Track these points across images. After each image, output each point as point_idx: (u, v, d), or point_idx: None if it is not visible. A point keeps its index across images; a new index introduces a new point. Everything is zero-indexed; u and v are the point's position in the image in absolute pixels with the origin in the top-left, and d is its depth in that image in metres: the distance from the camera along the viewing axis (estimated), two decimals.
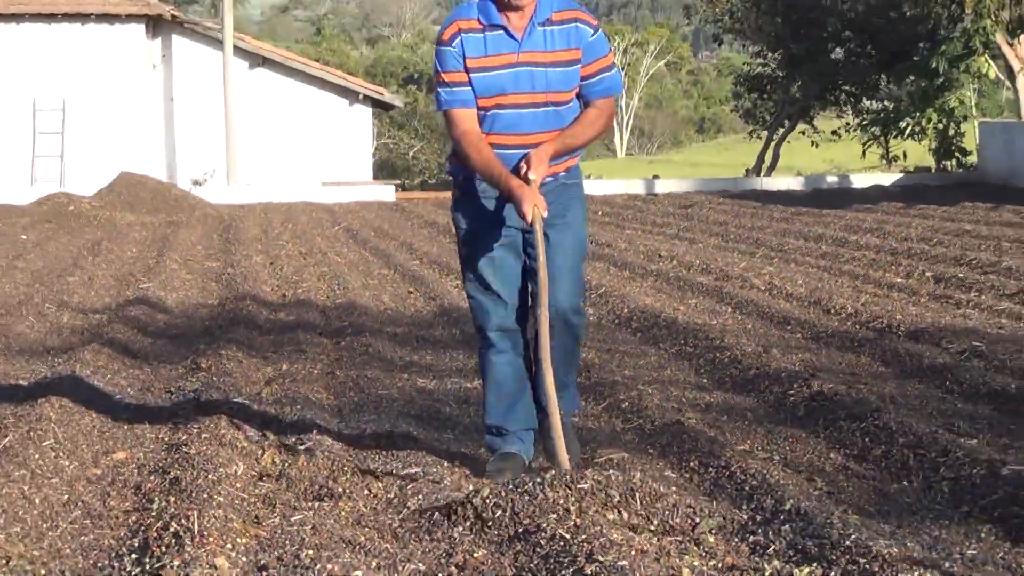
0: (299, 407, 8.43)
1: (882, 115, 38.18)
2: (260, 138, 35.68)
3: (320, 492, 6.35)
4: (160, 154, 34.84)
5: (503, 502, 5.46)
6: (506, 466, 6.34)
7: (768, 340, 10.44)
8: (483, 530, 5.55)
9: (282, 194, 31.56)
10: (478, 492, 5.64)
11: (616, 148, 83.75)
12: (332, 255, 17.94)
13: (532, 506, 5.31)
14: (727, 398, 8.64)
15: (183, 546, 5.26)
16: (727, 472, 6.64)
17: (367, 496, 6.26)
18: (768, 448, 7.26)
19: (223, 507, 5.81)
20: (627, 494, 5.36)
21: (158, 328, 12.07)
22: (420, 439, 7.56)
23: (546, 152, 6.02)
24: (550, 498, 5.32)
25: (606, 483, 5.41)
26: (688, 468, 6.86)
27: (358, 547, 5.37)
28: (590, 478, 5.42)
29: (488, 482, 6.43)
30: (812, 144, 41.03)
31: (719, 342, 10.23)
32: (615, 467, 6.70)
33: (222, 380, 9.22)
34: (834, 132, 40.67)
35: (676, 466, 6.92)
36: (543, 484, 5.41)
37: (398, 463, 6.91)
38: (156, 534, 5.55)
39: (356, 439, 7.60)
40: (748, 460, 6.82)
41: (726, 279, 14.13)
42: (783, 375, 8.88)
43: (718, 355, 9.85)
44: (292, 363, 10.05)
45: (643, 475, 5.81)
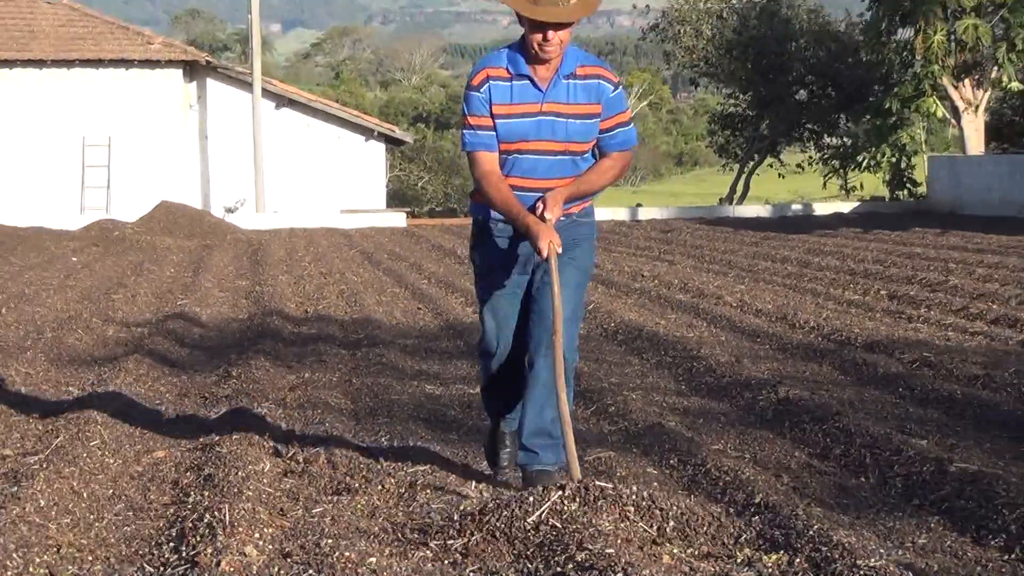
0: (320, 411, 8.42)
1: (841, 150, 38.29)
2: (285, 170, 35.71)
3: (338, 487, 6.34)
4: (196, 185, 34.87)
5: (503, 499, 5.45)
6: (495, 442, 6.48)
7: (740, 351, 10.44)
8: (484, 521, 5.55)
9: (305, 221, 31.60)
10: (480, 492, 5.64)
11: None
12: (349, 275, 17.93)
13: (533, 499, 5.30)
14: (703, 403, 8.63)
15: (215, 536, 5.25)
16: (703, 469, 6.63)
17: (380, 491, 6.25)
18: (740, 448, 7.25)
19: (251, 500, 5.81)
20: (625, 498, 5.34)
21: (194, 340, 12.06)
22: (428, 440, 7.56)
23: (561, 195, 5.82)
24: (549, 497, 5.31)
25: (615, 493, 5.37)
26: (668, 465, 6.85)
27: (372, 536, 5.37)
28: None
29: (489, 487, 6.43)
30: (779, 176, 41.11)
31: (696, 353, 10.22)
32: (603, 464, 6.71)
33: (251, 387, 9.21)
34: (798, 165, 40.74)
35: (657, 464, 6.91)
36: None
37: (408, 462, 6.91)
38: (191, 525, 5.54)
39: (370, 439, 7.60)
40: (722, 458, 6.82)
41: (702, 296, 14.13)
42: (753, 382, 8.88)
43: (695, 364, 9.84)
44: (313, 371, 10.04)
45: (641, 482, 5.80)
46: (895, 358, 9.81)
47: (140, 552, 5.45)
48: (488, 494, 6.21)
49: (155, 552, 5.40)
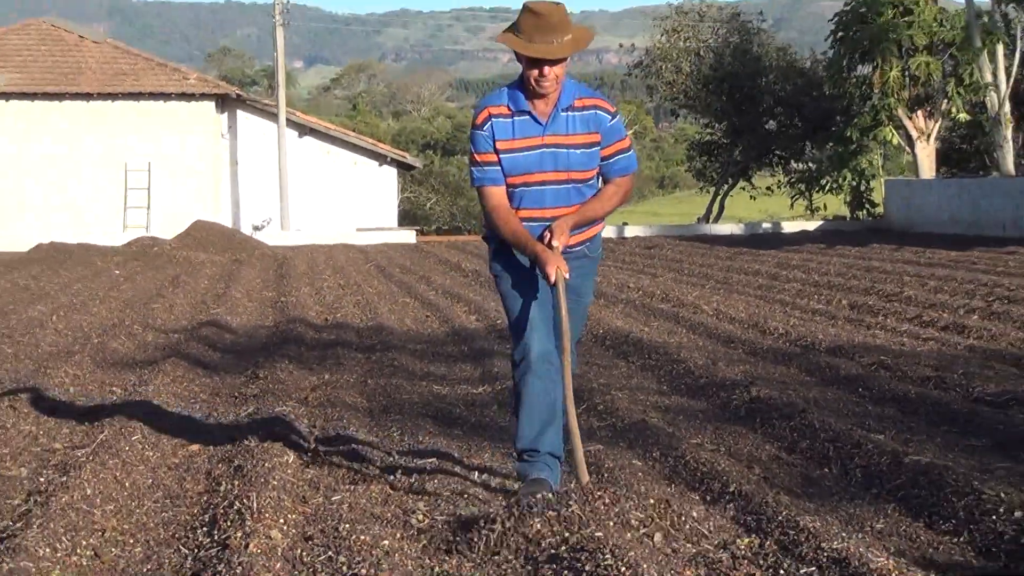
0: (338, 409, 8.42)
1: (807, 174, 38.29)
2: (307, 192, 35.78)
3: (355, 477, 6.35)
4: (227, 205, 34.90)
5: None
6: (536, 490, 5.46)
7: (715, 355, 10.43)
8: (488, 506, 5.55)
9: (325, 238, 31.64)
10: (484, 481, 5.63)
11: None
12: (365, 287, 17.93)
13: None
14: (682, 401, 8.63)
15: (244, 521, 5.25)
16: (682, 461, 6.63)
17: (393, 480, 6.26)
18: (715, 442, 7.25)
19: (277, 489, 5.81)
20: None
21: (225, 345, 12.06)
22: (436, 435, 7.56)
23: (567, 223, 5.57)
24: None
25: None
26: (651, 458, 6.85)
27: (385, 522, 5.37)
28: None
29: (491, 477, 6.41)
30: (750, 197, 41.09)
31: (676, 356, 10.22)
32: (593, 457, 6.71)
33: (276, 387, 9.22)
34: (768, 188, 40.73)
35: (641, 456, 6.91)
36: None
37: (418, 454, 6.91)
38: (223, 511, 5.55)
39: (384, 434, 7.60)
40: (699, 452, 6.81)
41: (681, 306, 14.13)
42: (727, 383, 8.87)
43: (675, 367, 9.84)
44: (332, 373, 10.04)
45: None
46: (855, 361, 9.81)
47: (176, 536, 5.46)
48: (492, 485, 6.22)
49: (190, 536, 5.40)
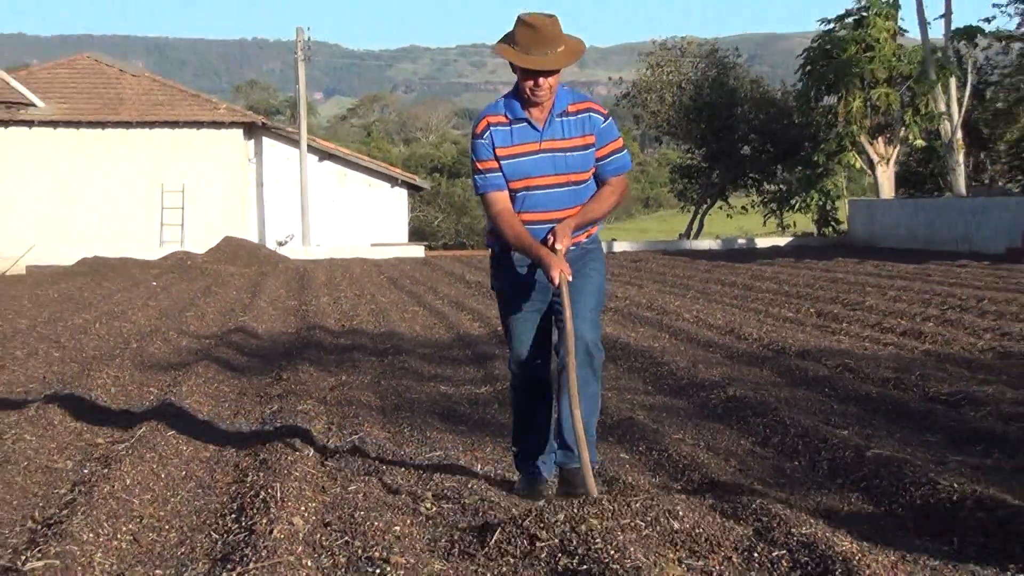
0: (354, 407, 8.42)
1: (778, 195, 38.37)
2: (326, 211, 35.84)
3: (369, 469, 6.34)
4: (253, 223, 34.93)
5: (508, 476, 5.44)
6: (532, 486, 5.69)
7: (695, 358, 10.44)
8: (490, 495, 5.55)
9: (342, 252, 31.65)
10: (486, 474, 5.63)
11: None
12: (378, 296, 17.93)
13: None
14: (665, 400, 8.63)
15: (269, 509, 5.25)
16: (666, 454, 6.63)
17: (404, 472, 6.25)
18: (696, 437, 7.25)
19: (298, 480, 5.81)
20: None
21: (251, 350, 12.06)
22: (442, 431, 7.55)
23: (569, 225, 5.38)
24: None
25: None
26: (637, 451, 6.85)
27: (396, 509, 5.37)
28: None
29: (493, 468, 6.41)
30: (727, 216, 41.11)
31: (660, 359, 10.22)
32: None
33: (298, 387, 9.22)
34: (743, 207, 40.78)
35: (629, 450, 6.91)
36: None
37: (426, 447, 6.90)
38: (249, 500, 5.54)
39: (395, 430, 7.60)
40: (681, 446, 6.82)
41: (665, 314, 14.13)
42: (706, 383, 8.88)
43: (659, 369, 9.84)
44: (349, 375, 10.04)
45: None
46: (822, 364, 9.81)
47: (207, 522, 5.46)
48: (494, 476, 6.22)
49: (219, 522, 5.40)
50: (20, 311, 16.14)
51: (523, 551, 4.51)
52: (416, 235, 42.63)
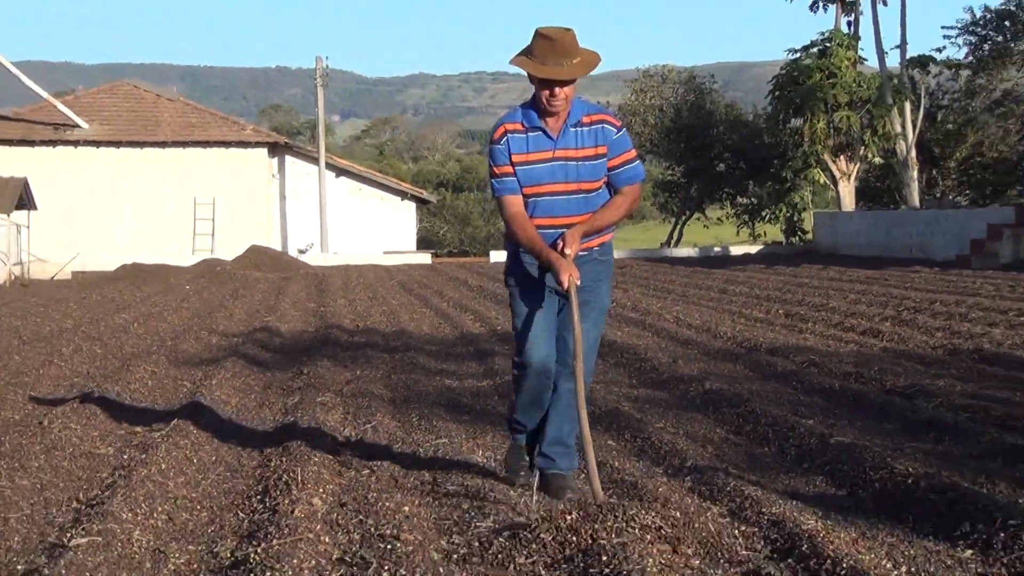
0: (367, 399, 8.41)
1: (750, 207, 38.45)
2: (342, 222, 35.87)
3: (381, 455, 6.34)
4: (276, 233, 34.98)
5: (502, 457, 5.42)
6: (518, 460, 5.49)
7: (675, 355, 10.43)
8: (491, 478, 5.54)
9: (357, 259, 31.68)
10: (487, 459, 5.62)
11: None
12: (389, 299, 17.93)
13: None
14: (649, 393, 8.62)
15: (291, 490, 5.25)
16: (649, 442, 6.63)
17: (412, 456, 6.25)
18: (676, 426, 7.25)
19: (317, 464, 5.81)
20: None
21: (275, 347, 12.06)
22: (447, 420, 7.55)
23: (579, 231, 5.06)
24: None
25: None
26: (623, 439, 6.84)
27: (406, 491, 5.37)
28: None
29: (493, 455, 6.39)
30: (704, 226, 41.22)
31: (643, 356, 10.22)
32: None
33: (317, 381, 9.21)
34: (718, 218, 40.86)
35: (615, 438, 6.90)
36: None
37: (432, 435, 6.90)
38: (273, 482, 5.54)
39: (404, 420, 7.60)
40: (663, 434, 6.81)
41: (648, 315, 14.13)
42: (686, 378, 8.87)
43: (643, 364, 9.84)
44: (363, 369, 10.04)
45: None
46: (789, 360, 9.81)
47: (235, 502, 5.45)
48: (494, 463, 6.21)
49: (246, 502, 5.39)
50: (66, 312, 16.15)
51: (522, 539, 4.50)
52: (423, 244, 42.63)
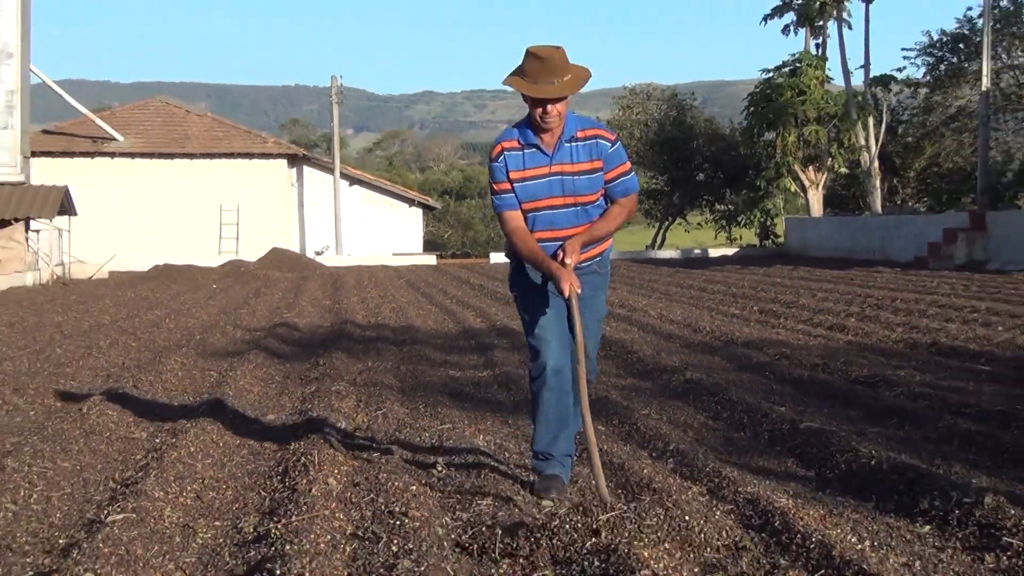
0: (378, 388, 8.41)
1: (727, 213, 38.44)
2: (355, 226, 35.89)
3: (390, 438, 6.33)
4: (295, 236, 34.98)
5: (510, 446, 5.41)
6: (551, 485, 4.88)
7: (659, 347, 10.43)
8: (490, 461, 5.53)
9: (368, 260, 31.72)
10: (487, 444, 5.60)
11: None
12: (398, 297, 17.92)
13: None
14: (635, 382, 8.62)
15: (309, 471, 5.24)
16: (635, 427, 6.62)
17: (420, 441, 6.24)
18: (660, 412, 7.24)
19: (332, 447, 5.80)
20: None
21: (294, 340, 12.05)
22: (451, 407, 7.54)
23: (578, 241, 4.80)
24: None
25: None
26: (612, 424, 6.83)
27: (413, 472, 5.36)
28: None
29: (494, 439, 6.37)
30: (685, 230, 41.25)
31: (629, 348, 10.21)
32: None
33: (332, 371, 9.20)
34: (698, 223, 40.90)
35: (604, 423, 6.88)
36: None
37: (437, 421, 6.89)
38: (292, 464, 5.53)
39: (412, 407, 7.59)
40: (648, 420, 6.81)
41: (634, 311, 14.13)
42: (668, 368, 8.87)
43: (629, 356, 9.83)
44: (374, 361, 10.03)
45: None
46: (763, 352, 9.81)
47: (257, 482, 5.44)
48: (494, 446, 6.21)
49: (267, 482, 5.39)
50: (103, 309, 16.15)
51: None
52: (429, 246, 42.65)
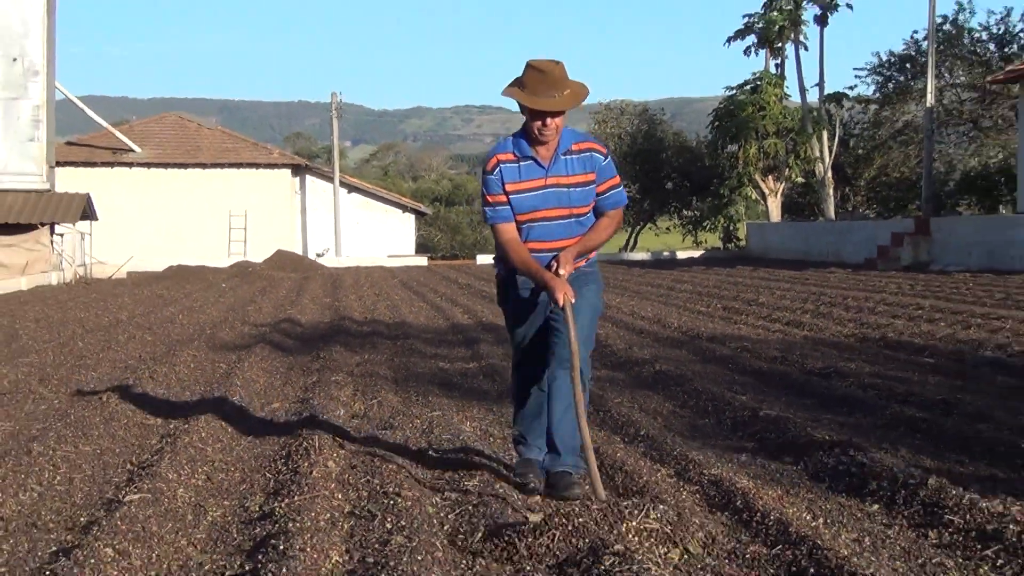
0: (373, 378, 8.39)
1: (693, 219, 38.50)
2: (353, 231, 35.81)
3: (385, 425, 6.33)
4: (298, 239, 34.88)
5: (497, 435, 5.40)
6: (528, 469, 4.70)
7: (631, 342, 10.44)
8: (476, 444, 5.53)
9: (365, 262, 31.65)
10: (473, 430, 5.59)
11: None
12: (392, 295, 17.89)
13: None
14: (609, 374, 8.62)
15: (310, 455, 5.24)
16: (609, 415, 6.62)
17: (412, 427, 6.23)
18: (631, 401, 7.25)
19: (331, 433, 5.79)
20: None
21: (297, 335, 12.02)
22: (440, 396, 7.53)
23: (572, 252, 4.55)
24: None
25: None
26: (588, 413, 6.83)
27: (406, 455, 5.36)
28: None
29: (478, 427, 6.37)
30: (655, 234, 41.29)
31: (604, 343, 10.20)
32: None
33: (332, 363, 9.18)
34: (667, 228, 40.95)
35: None
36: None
37: (428, 409, 6.89)
38: (294, 448, 5.52)
39: (405, 396, 7.58)
40: (620, 407, 6.81)
41: (608, 308, 14.12)
42: (639, 360, 8.88)
43: (603, 350, 9.82)
44: (370, 354, 10.01)
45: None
46: (726, 346, 9.84)
47: (263, 465, 5.43)
48: (480, 431, 6.20)
49: (272, 465, 5.38)
50: (122, 306, 16.07)
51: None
52: (421, 249, 42.55)
